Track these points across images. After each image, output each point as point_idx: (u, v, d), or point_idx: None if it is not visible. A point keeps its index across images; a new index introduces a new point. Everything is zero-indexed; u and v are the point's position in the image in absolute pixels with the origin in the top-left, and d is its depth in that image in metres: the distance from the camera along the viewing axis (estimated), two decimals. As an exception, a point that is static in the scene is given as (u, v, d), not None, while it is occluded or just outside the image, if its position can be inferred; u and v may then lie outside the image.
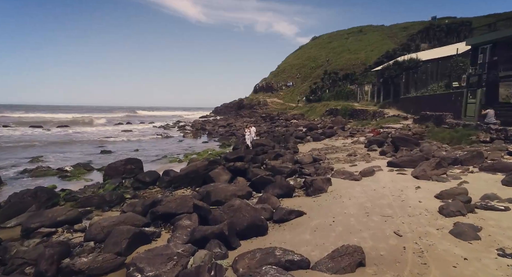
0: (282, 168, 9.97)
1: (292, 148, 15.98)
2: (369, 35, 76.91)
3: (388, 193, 7.20)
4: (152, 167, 13.35)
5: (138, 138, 26.42)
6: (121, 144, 22.29)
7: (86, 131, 32.85)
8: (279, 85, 70.48)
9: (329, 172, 10.03)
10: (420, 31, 55.69)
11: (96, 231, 5.21)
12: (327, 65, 65.71)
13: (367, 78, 48.78)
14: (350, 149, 15.40)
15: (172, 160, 15.51)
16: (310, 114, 45.07)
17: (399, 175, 8.89)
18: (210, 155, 16.74)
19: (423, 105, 20.92)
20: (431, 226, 5.09)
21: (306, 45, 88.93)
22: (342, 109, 34.28)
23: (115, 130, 34.31)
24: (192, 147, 20.87)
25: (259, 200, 7.19)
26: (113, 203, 7.74)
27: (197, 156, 16.46)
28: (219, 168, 9.87)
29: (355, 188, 7.96)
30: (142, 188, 9.73)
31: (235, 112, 64.65)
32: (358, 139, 18.84)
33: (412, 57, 27.79)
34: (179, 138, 27.27)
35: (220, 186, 7.98)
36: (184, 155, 17.08)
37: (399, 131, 18.61)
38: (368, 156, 12.73)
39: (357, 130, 23.06)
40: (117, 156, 16.76)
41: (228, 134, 29.00)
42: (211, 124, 41.96)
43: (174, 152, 18.54)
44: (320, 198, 7.46)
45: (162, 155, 16.95)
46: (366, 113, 29.98)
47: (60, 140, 24.34)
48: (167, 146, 21.27)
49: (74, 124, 41.60)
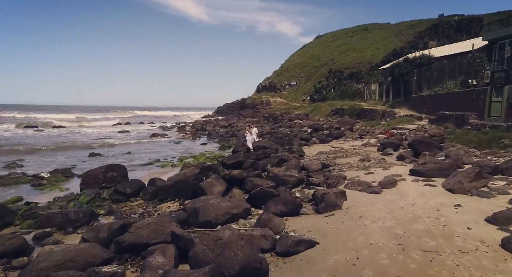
0: (286, 177, 8.49)
1: (297, 152, 14.49)
2: (374, 33, 75.16)
3: (421, 213, 5.70)
4: (140, 174, 11.92)
5: (134, 140, 25.04)
6: (115, 146, 20.91)
7: (81, 132, 31.54)
8: (282, 85, 68.94)
9: (341, 181, 8.54)
10: (428, 28, 53.86)
11: (30, 276, 3.77)
12: (331, 64, 64.09)
13: (373, 77, 47.23)
14: (361, 153, 13.90)
15: (165, 164, 14.07)
16: (315, 114, 43.53)
17: (428, 188, 7.37)
18: (207, 159, 15.29)
19: (438, 104, 19.34)
20: (502, 273, 3.58)
21: (310, 43, 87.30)
22: (349, 108, 32.73)
23: (112, 130, 32.98)
24: (189, 150, 19.44)
25: (258, 221, 5.71)
26: (80, 222, 6.30)
27: (193, 160, 15.02)
28: (213, 177, 8.40)
29: (376, 204, 6.46)
30: (122, 201, 8.29)
31: (238, 112, 63.23)
32: (368, 141, 17.32)
33: (424, 54, 26.17)
34: (177, 139, 25.85)
35: (212, 201, 6.51)
36: (178, 158, 15.65)
37: (414, 133, 17.07)
38: (384, 162, 11.21)
39: (366, 131, 21.51)
40: (106, 160, 15.37)
41: (228, 135, 27.55)
42: (212, 124, 40.53)
43: (169, 155, 17.11)
44: (335, 218, 5.97)
45: (155, 159, 15.53)
46: (374, 113, 28.43)
47: (50, 141, 23.01)
48: (162, 148, 19.86)
49: (70, 124, 40.31)
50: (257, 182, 8.16)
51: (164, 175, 10.66)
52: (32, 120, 47.27)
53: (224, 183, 8.38)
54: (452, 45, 33.39)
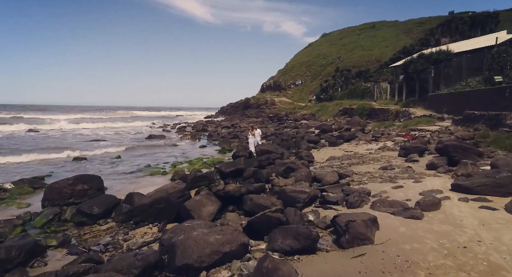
0: (296, 194, 6.69)
1: (306, 157, 12.67)
2: (382, 31, 72.98)
3: (501, 261, 3.86)
4: (121, 185, 10.19)
5: (129, 141, 23.39)
6: (105, 148, 19.25)
7: (74, 132, 29.95)
8: (287, 84, 67.06)
9: (366, 199, 6.71)
10: (440, 25, 51.69)
11: None
12: (338, 62, 62.06)
13: (382, 75, 45.22)
14: (380, 159, 12.04)
15: (155, 171, 12.32)
16: (321, 114, 41.62)
17: (486, 212, 5.53)
18: (204, 164, 13.54)
19: (462, 103, 17.39)
20: None
21: (316, 42, 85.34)
22: (359, 108, 30.80)
23: (109, 131, 31.38)
24: (186, 153, 17.69)
25: (259, 271, 3.90)
26: (13, 263, 4.55)
27: (188, 166, 13.29)
28: (203, 194, 6.62)
29: (424, 239, 4.65)
30: (88, 224, 6.55)
31: (241, 112, 61.45)
32: (385, 145, 15.44)
33: (442, 49, 24.17)
34: (175, 140, 24.15)
35: (196, 232, 4.74)
36: (172, 164, 13.91)
37: (436, 135, 15.16)
38: (412, 171, 9.35)
39: (380, 132, 19.61)
40: (91, 165, 13.69)
41: (230, 136, 25.79)
42: (214, 124, 38.81)
43: (163, 159, 15.38)
44: (368, 262, 4.16)
45: (145, 164, 13.81)
46: (387, 113, 26.50)
47: (34, 142, 21.43)
48: (157, 151, 18.15)
49: (66, 124, 38.75)
50: (259, 200, 6.38)
51: (149, 188, 8.92)
52: (31, 120, 45.89)
53: (217, 201, 6.59)
54: (468, 41, 31.29)
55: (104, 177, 11.18)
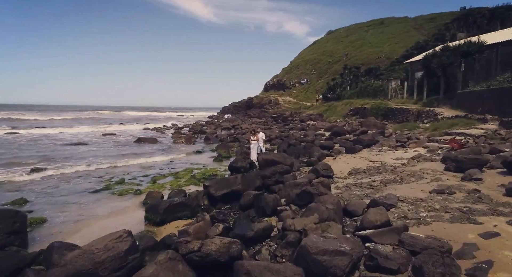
0: (329, 259, 3.78)
1: (323, 170, 9.72)
2: (391, 27, 69.83)
3: None
4: (71, 213, 7.29)
5: (113, 146, 20.57)
6: (81, 154, 16.46)
7: (58, 133, 27.13)
8: (292, 83, 64.01)
9: (455, 270, 3.75)
10: (456, 19, 48.47)
11: None
12: (346, 60, 59.01)
13: (395, 73, 42.15)
14: (422, 174, 9.08)
15: (126, 190, 9.36)
16: (330, 114, 38.62)
17: None
18: (192, 179, 10.63)
19: (504, 102, 14.37)
20: None
21: (321, 39, 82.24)
22: (373, 108, 27.76)
23: (97, 132, 28.54)
24: (176, 161, 14.81)
25: None
26: None
27: (172, 181, 10.41)
28: (161, 259, 3.69)
29: None
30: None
31: (244, 112, 58.49)
32: (418, 152, 12.46)
33: (473, 40, 21.11)
34: (166, 144, 21.30)
35: None
36: (152, 178, 11.00)
37: (484, 141, 12.16)
38: (486, 198, 6.38)
39: (405, 136, 16.64)
40: (48, 180, 10.83)
41: (230, 139, 22.91)
42: (214, 125, 35.88)
43: (143, 171, 12.50)
44: None
45: (119, 177, 10.96)
46: (406, 113, 23.48)
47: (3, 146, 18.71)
48: (140, 159, 15.29)
49: (54, 125, 36.03)
50: (264, 275, 3.45)
51: (104, 222, 6.03)
52: (12, 123, 43.22)
53: (188, 273, 3.67)
54: (493, 34, 28.12)
55: (54, 199, 8.36)
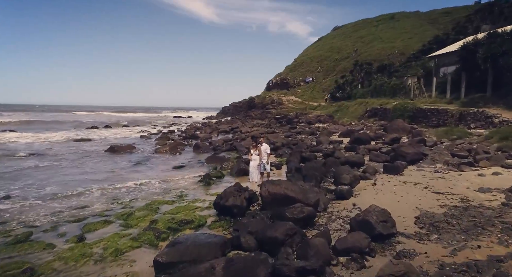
0: None
1: (380, 223, 5.32)
2: (402, 22, 65.31)
3: None
4: None
5: (76, 156, 16.25)
6: (21, 172, 12.20)
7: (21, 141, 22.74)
8: (296, 81, 59.54)
9: None
10: (479, 10, 43.92)
11: None
12: (355, 56, 54.48)
13: (411, 69, 37.67)
14: None
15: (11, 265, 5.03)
16: (341, 115, 34.19)
17: None
18: (149, 232, 6.27)
19: None
20: None
21: (328, 35, 77.74)
22: (397, 109, 23.30)
23: (69, 139, 24.12)
24: (142, 187, 10.39)
25: None
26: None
27: (111, 238, 6.06)
28: None
29: None
30: None
31: (245, 113, 53.98)
32: (500, 174, 8.07)
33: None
34: (145, 154, 16.98)
35: None
36: (83, 227, 6.64)
37: None
38: None
39: (464, 148, 12.26)
40: None
41: (226, 147, 18.55)
42: (210, 128, 31.45)
43: (91, 203, 8.19)
44: None
45: (28, 226, 6.65)
46: (443, 115, 19.04)
47: None
48: (99, 180, 10.97)
49: (26, 128, 31.72)
50: None
51: None
52: None
53: None
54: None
55: None
